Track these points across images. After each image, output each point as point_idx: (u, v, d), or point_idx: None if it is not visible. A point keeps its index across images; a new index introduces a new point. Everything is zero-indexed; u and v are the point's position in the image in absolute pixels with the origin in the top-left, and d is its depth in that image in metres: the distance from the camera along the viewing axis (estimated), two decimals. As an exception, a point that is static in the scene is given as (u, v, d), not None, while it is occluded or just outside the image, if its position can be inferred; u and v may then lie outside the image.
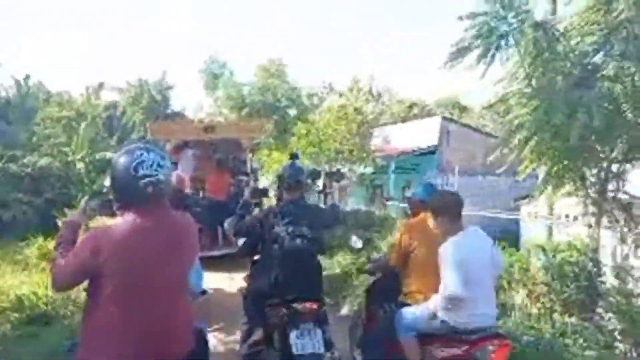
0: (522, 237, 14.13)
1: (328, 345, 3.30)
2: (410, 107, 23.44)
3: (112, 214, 2.08)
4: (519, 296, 5.07)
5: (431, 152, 15.63)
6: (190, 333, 2.07)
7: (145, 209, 1.92)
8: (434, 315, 2.94)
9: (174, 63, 53.76)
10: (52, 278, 1.97)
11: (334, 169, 13.29)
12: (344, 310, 5.40)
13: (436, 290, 2.91)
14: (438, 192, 3.54)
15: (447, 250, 2.88)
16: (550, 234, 9.66)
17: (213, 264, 6.33)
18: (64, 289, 2.15)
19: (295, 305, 3.22)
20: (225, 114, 19.26)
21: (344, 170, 13.13)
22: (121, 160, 1.95)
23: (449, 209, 3.02)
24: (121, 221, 1.93)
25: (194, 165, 8.08)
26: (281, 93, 19.31)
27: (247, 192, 5.05)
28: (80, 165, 16.98)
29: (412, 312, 3.10)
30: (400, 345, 3.13)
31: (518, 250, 6.36)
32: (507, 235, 8.81)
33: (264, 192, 6.70)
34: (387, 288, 3.62)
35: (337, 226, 5.70)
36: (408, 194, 4.08)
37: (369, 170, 13.36)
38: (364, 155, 13.73)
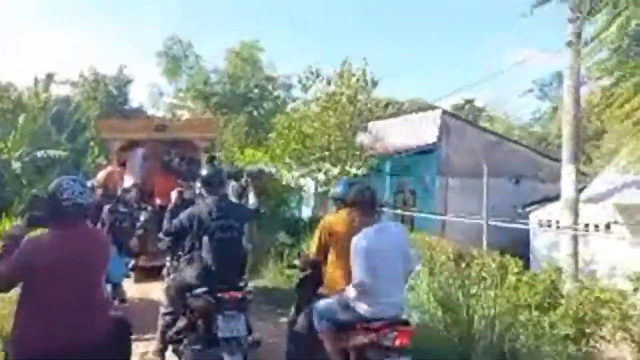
0: (533, 247, 12.61)
1: (249, 329, 3.74)
2: (386, 106, 22.09)
3: (45, 226, 2.62)
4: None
5: (430, 150, 13.79)
6: (106, 321, 2.55)
7: (67, 224, 2.50)
8: (347, 305, 3.15)
9: (133, 56, 49.71)
10: None
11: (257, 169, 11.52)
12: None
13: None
14: (354, 188, 3.57)
15: (356, 241, 3.10)
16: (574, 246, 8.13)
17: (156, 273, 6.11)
18: (4, 289, 2.55)
19: (221, 294, 3.58)
20: (189, 106, 16.77)
21: (333, 172, 11.08)
22: (52, 186, 2.54)
23: (361, 203, 3.27)
24: (48, 232, 2.56)
25: (142, 168, 7.46)
26: (254, 82, 17.01)
27: (174, 195, 5.01)
28: (16, 165, 15.16)
29: (329, 303, 3.31)
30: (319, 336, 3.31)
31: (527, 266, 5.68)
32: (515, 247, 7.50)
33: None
34: (313, 282, 3.81)
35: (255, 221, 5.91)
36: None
37: (362, 171, 11.36)
38: (357, 153, 11.72)
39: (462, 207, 13.34)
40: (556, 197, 13.42)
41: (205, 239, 3.74)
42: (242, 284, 3.85)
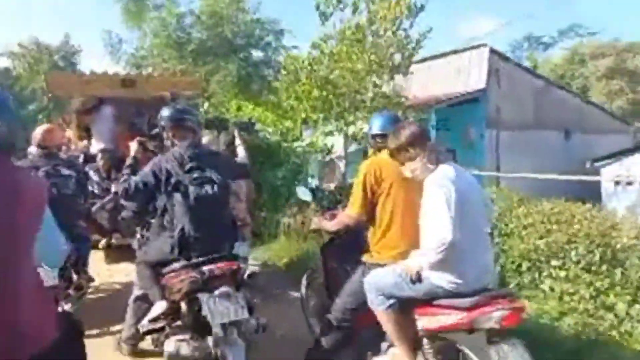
0: (608, 210, 10.40)
1: (250, 309, 2.79)
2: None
3: None
4: None
5: (475, 99, 11.13)
6: (47, 319, 1.60)
7: None
8: (418, 276, 2.34)
9: (79, 25, 44.02)
10: None
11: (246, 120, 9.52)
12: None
13: (416, 244, 2.41)
14: (401, 122, 2.88)
15: (435, 186, 2.28)
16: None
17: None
18: None
19: (207, 267, 2.76)
20: (161, 57, 13.29)
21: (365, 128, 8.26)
22: None
23: (422, 138, 2.45)
24: None
25: (111, 131, 6.23)
26: (241, 26, 13.67)
27: (133, 147, 3.50)
28: None
29: (389, 274, 2.47)
30: (373, 315, 2.54)
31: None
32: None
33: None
34: (348, 244, 3.11)
35: (244, 181, 4.60)
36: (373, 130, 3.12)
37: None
38: (399, 101, 8.92)
39: (515, 164, 10.95)
40: (633, 150, 11.23)
41: (177, 196, 2.89)
42: (232, 252, 3.02)
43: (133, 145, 3.82)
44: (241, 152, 4.08)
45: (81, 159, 5.49)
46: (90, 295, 4.62)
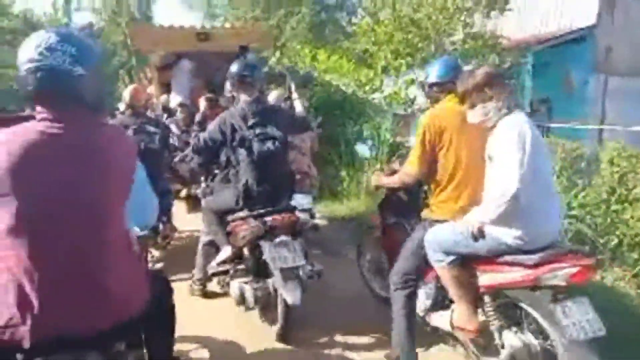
0: None
1: (306, 257, 3.07)
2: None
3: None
4: None
5: (581, 37, 9.66)
6: (140, 282, 1.62)
7: (49, 110, 1.44)
8: (481, 233, 2.24)
9: None
10: None
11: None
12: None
13: (478, 198, 2.31)
14: (459, 68, 2.82)
15: (510, 128, 2.15)
16: None
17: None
18: None
19: (268, 218, 3.04)
20: (231, 5, 12.86)
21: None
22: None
23: (499, 79, 2.31)
24: (17, 129, 1.42)
25: (190, 84, 6.41)
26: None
27: (202, 104, 4.33)
28: None
29: (450, 230, 2.42)
30: (427, 269, 2.60)
31: None
32: None
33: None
34: (407, 200, 3.13)
35: (306, 134, 4.67)
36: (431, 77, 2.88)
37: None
38: (497, 43, 7.93)
39: (624, 116, 9.53)
40: None
41: (241, 152, 3.10)
42: (292, 205, 3.26)
43: (202, 103, 4.03)
44: (298, 107, 4.09)
45: (161, 113, 5.82)
46: (175, 242, 4.91)
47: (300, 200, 4.14)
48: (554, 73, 10.00)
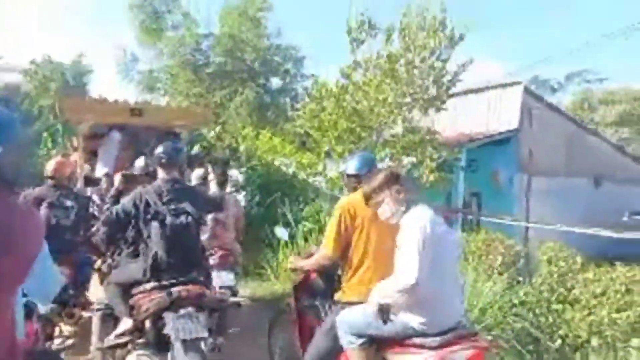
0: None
1: (210, 330, 3.20)
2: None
3: None
4: None
5: (505, 139, 10.50)
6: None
7: None
8: (386, 314, 2.36)
9: (90, 47, 44.13)
10: None
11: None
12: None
13: None
14: (370, 161, 3.17)
15: (411, 225, 2.34)
16: None
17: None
18: None
19: (175, 289, 3.03)
20: (175, 80, 12.79)
21: (407, 162, 7.63)
22: None
23: (390, 182, 2.52)
24: None
25: (117, 157, 6.30)
26: (261, 52, 13.21)
27: (117, 179, 4.13)
28: None
29: (360, 313, 2.52)
30: (340, 351, 2.66)
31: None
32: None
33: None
34: (321, 283, 3.24)
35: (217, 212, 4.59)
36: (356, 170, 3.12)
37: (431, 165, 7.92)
38: (434, 138, 8.32)
39: (546, 213, 10.21)
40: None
41: (154, 225, 3.17)
42: (200, 279, 3.28)
43: (117, 178, 4.02)
44: (213, 187, 4.32)
45: (82, 185, 5.67)
46: (89, 314, 4.66)
47: (223, 277, 4.37)
48: (484, 170, 10.66)
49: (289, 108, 14.86)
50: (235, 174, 14.29)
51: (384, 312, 2.35)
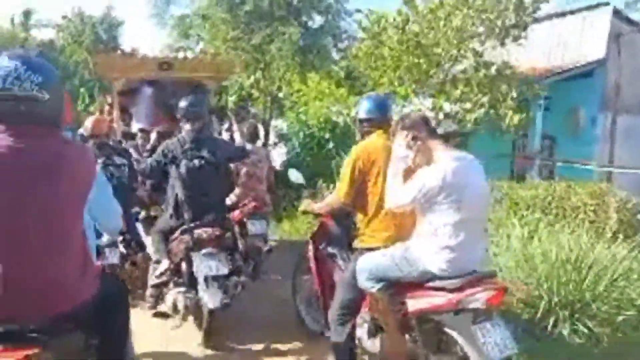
0: None
1: (237, 270, 3.61)
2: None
3: None
4: None
5: (588, 73, 9.08)
6: (88, 276, 1.81)
7: (13, 129, 1.65)
8: (406, 260, 2.46)
9: None
10: None
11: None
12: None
13: (405, 227, 2.57)
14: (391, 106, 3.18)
15: (433, 175, 2.36)
16: None
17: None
18: None
19: (196, 231, 3.38)
20: (210, 21, 11.76)
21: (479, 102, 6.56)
22: None
23: (429, 122, 2.59)
24: None
25: (150, 111, 6.61)
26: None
27: (153, 136, 4.78)
28: None
29: (379, 259, 2.59)
30: (364, 299, 2.74)
31: None
32: None
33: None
34: (338, 230, 3.29)
35: (263, 163, 5.14)
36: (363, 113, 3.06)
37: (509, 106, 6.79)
38: (507, 75, 7.15)
39: (634, 157, 8.97)
40: None
41: (173, 169, 3.53)
42: (221, 220, 3.60)
43: (152, 135, 4.38)
44: (237, 138, 4.42)
45: (121, 139, 5.89)
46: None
47: (255, 225, 4.65)
48: (560, 109, 9.35)
49: (332, 48, 13.64)
50: (278, 123, 13.50)
51: (402, 257, 2.50)
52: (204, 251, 3.29)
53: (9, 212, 1.60)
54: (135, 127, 6.38)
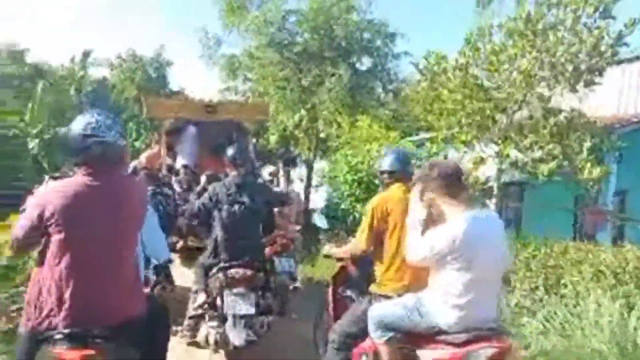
0: None
1: (265, 309, 3.74)
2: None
3: None
4: None
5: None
6: (138, 296, 2.18)
7: (92, 168, 2.11)
8: (417, 311, 2.52)
9: (172, 38, 45.16)
10: (11, 240, 2.18)
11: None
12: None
13: (420, 278, 2.58)
14: (405, 157, 3.25)
15: (448, 228, 2.37)
16: None
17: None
18: (22, 250, 2.28)
19: (230, 271, 3.62)
20: (259, 62, 11.76)
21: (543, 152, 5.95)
22: (75, 122, 2.18)
23: (447, 177, 2.49)
24: (68, 180, 2.17)
25: (194, 149, 6.95)
26: (350, 29, 11.79)
27: (203, 179, 5.10)
28: (33, 144, 12.40)
29: (391, 308, 2.65)
30: (372, 345, 2.79)
31: None
32: None
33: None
34: (357, 275, 3.44)
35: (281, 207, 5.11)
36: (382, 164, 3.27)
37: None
38: (582, 123, 6.49)
39: None
40: None
41: (216, 214, 3.81)
42: (254, 262, 3.76)
43: (202, 178, 4.57)
44: (282, 184, 4.71)
45: (167, 173, 6.26)
46: (167, 295, 4.85)
47: (283, 263, 4.74)
48: (633, 161, 8.50)
49: (381, 90, 13.37)
50: (322, 165, 13.19)
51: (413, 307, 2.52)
52: (235, 290, 3.54)
53: (86, 239, 2.00)
54: (179, 163, 6.85)
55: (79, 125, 2.10)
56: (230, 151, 4.01)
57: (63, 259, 1.96)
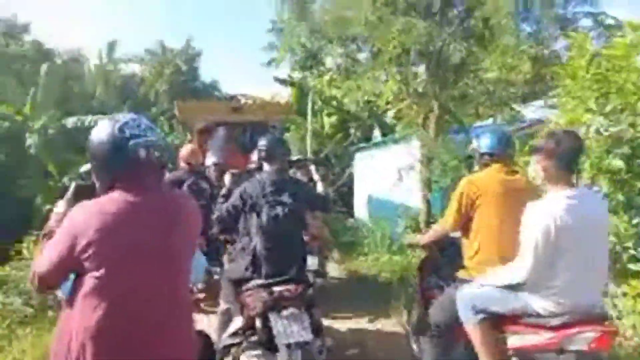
0: None
1: (317, 331, 3.19)
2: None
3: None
4: None
5: None
6: (192, 336, 1.83)
7: (136, 181, 1.67)
8: (509, 292, 2.45)
9: (202, 26, 45.45)
10: (32, 277, 1.69)
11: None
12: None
13: (511, 261, 2.50)
14: (511, 141, 3.14)
15: (533, 219, 2.31)
16: None
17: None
18: (45, 288, 1.80)
19: (276, 288, 3.13)
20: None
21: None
22: (101, 127, 1.72)
23: (559, 150, 2.34)
24: (105, 198, 1.66)
25: (222, 148, 7.39)
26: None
27: (227, 178, 4.21)
28: (31, 140, 11.13)
29: (481, 289, 2.63)
30: (464, 331, 2.71)
31: None
32: None
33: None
34: (444, 261, 3.39)
35: (324, 213, 5.09)
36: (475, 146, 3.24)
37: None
38: None
39: None
40: None
41: (254, 217, 3.30)
42: (302, 275, 3.34)
43: (227, 177, 4.16)
44: (319, 187, 4.31)
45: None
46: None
47: (308, 261, 4.29)
48: None
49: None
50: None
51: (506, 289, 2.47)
52: (285, 313, 3.00)
53: (132, 277, 1.57)
54: (209, 160, 6.97)
55: (109, 127, 1.65)
56: (262, 142, 3.56)
57: (101, 304, 1.53)
